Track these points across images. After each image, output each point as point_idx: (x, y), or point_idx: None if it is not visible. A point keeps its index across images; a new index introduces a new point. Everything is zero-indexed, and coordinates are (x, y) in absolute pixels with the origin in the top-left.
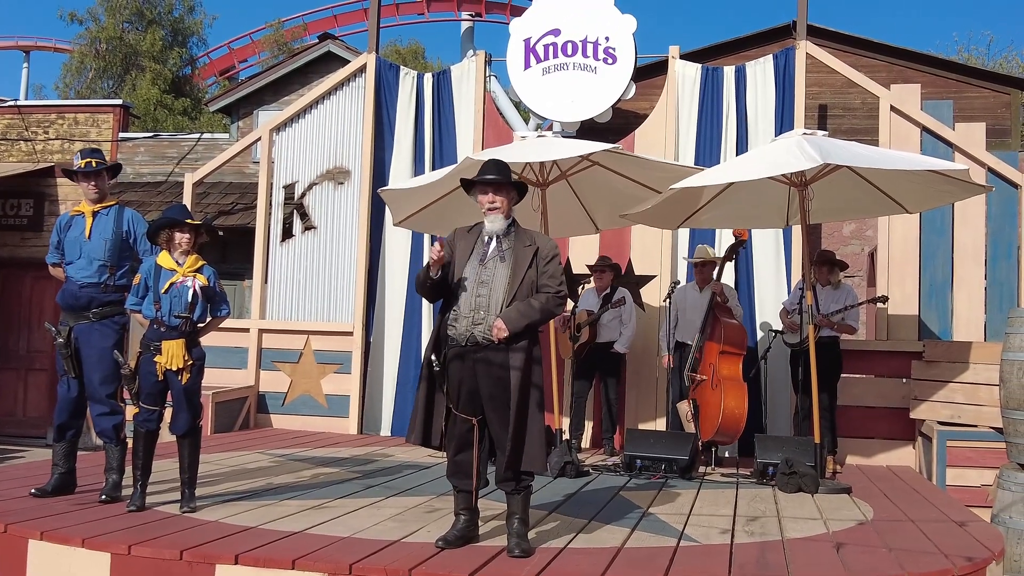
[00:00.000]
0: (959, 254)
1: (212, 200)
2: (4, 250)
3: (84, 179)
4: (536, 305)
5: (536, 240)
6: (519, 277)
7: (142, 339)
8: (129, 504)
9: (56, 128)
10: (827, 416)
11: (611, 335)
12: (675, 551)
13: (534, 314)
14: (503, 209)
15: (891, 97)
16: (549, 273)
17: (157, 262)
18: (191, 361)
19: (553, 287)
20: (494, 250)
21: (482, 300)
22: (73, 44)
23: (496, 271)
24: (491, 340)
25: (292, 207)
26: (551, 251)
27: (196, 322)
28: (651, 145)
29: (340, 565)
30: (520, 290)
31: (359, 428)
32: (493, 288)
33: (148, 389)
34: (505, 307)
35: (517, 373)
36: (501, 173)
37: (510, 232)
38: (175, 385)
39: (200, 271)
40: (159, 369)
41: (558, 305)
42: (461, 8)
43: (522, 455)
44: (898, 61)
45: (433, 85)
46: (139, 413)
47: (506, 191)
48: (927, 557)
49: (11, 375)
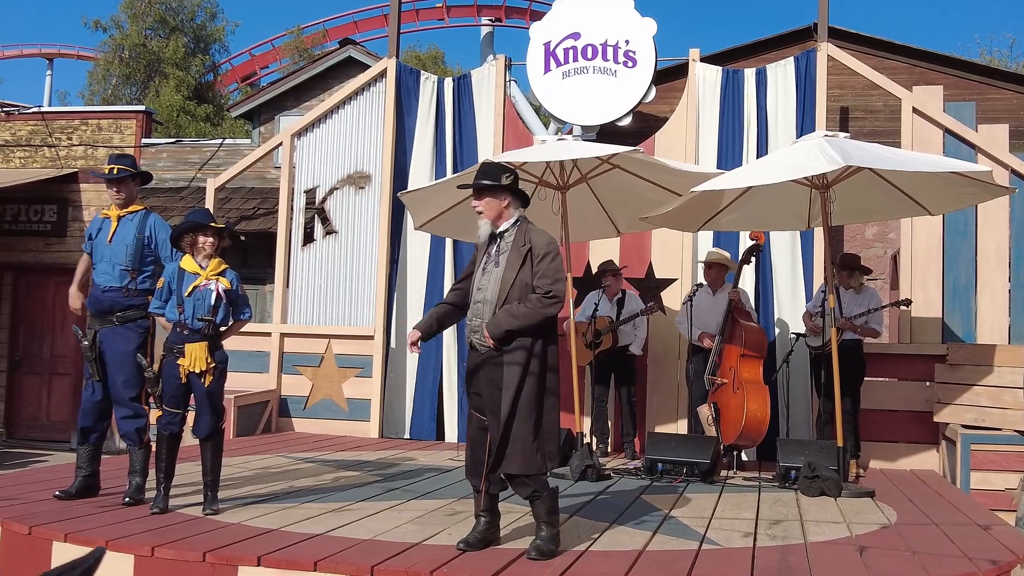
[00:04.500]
0: (982, 256)
1: (234, 205)
2: (28, 255)
3: (108, 185)
4: (522, 309)
5: (531, 239)
6: (509, 280)
7: (165, 342)
8: (152, 506)
9: (79, 134)
10: (850, 420)
11: (626, 339)
12: (697, 555)
13: (518, 319)
14: (488, 214)
15: (913, 99)
16: (541, 272)
17: (180, 266)
18: (213, 364)
19: (543, 287)
20: (492, 256)
21: (478, 306)
22: (97, 51)
23: (491, 276)
24: (486, 346)
25: (313, 212)
26: (544, 248)
27: (218, 325)
28: (672, 148)
29: (362, 567)
30: (511, 293)
31: (380, 432)
32: (487, 293)
33: (171, 392)
34: (496, 311)
35: (509, 376)
36: (487, 176)
37: (508, 235)
38: (198, 388)
39: (223, 275)
40: (182, 372)
41: (548, 305)
42: (481, 13)
43: (503, 458)
44: (920, 63)
45: (453, 90)
46: (162, 416)
47: (489, 195)
48: (951, 561)
49: (35, 379)
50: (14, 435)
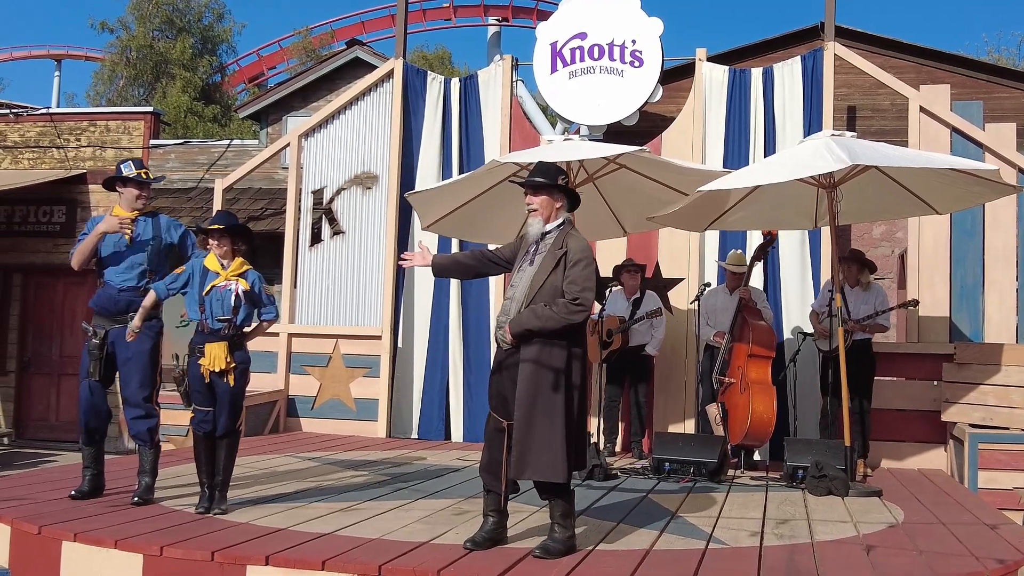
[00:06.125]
0: (990, 256)
1: (242, 206)
2: (37, 256)
3: (137, 188)
4: (547, 312)
5: (568, 243)
6: (539, 281)
7: (190, 342)
8: (198, 507)
9: (88, 135)
10: (863, 420)
11: (642, 338)
12: (703, 554)
13: (539, 321)
14: (542, 212)
15: (920, 98)
16: (570, 278)
17: (204, 263)
18: (234, 364)
19: (571, 292)
20: (531, 254)
21: (507, 304)
22: (104, 52)
23: (524, 275)
24: (507, 342)
25: (321, 212)
26: (578, 254)
27: (239, 326)
28: (678, 148)
29: (369, 567)
30: (539, 295)
31: (388, 432)
32: (517, 292)
33: (197, 391)
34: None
35: (523, 375)
36: (545, 175)
37: (550, 236)
38: (218, 387)
39: (243, 275)
40: (204, 371)
41: (573, 312)
42: (488, 13)
43: (524, 462)
44: (927, 62)
45: (460, 90)
46: (195, 415)
47: (546, 193)
48: (958, 560)
49: (44, 380)
50: (23, 435)
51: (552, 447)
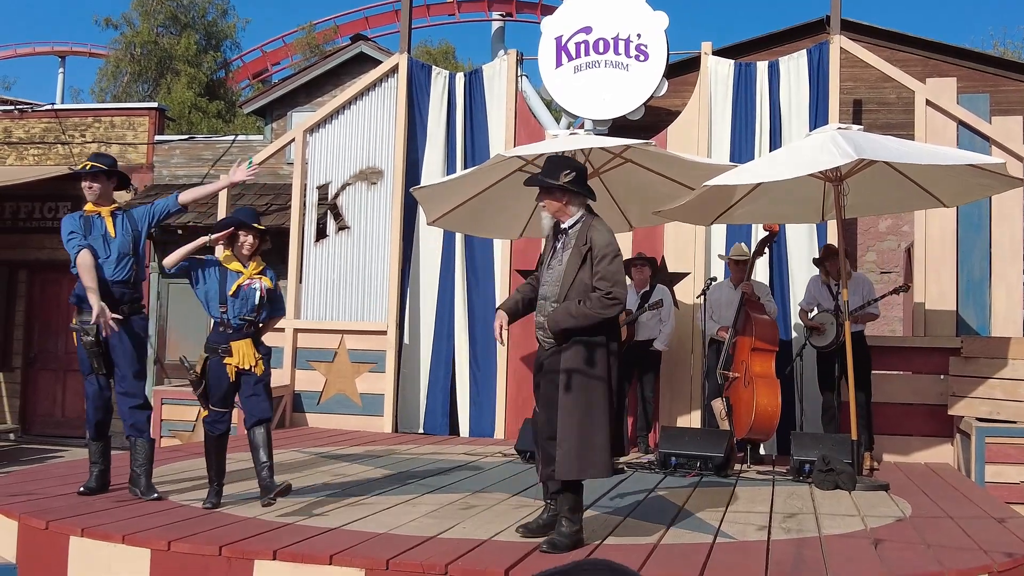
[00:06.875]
0: (997, 249)
1: (246, 201)
2: (43, 253)
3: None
4: (581, 309)
5: (592, 238)
6: (569, 280)
7: (207, 343)
8: (205, 502)
9: (93, 131)
10: (863, 413)
11: (650, 333)
12: (711, 548)
13: (574, 319)
14: (549, 208)
15: (927, 91)
16: (600, 275)
17: (222, 263)
18: (259, 356)
19: (603, 288)
20: (557, 251)
21: (542, 304)
22: (108, 49)
23: (553, 274)
24: (550, 341)
25: (326, 207)
26: (603, 249)
27: (259, 323)
28: (684, 142)
29: (377, 561)
30: (570, 292)
31: (394, 427)
32: (548, 291)
33: (219, 392)
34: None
35: (566, 378)
36: (548, 174)
37: (572, 231)
38: (249, 380)
39: (263, 273)
40: (230, 371)
41: (607, 307)
42: (492, 8)
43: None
44: (933, 55)
45: (465, 85)
46: (208, 416)
47: (548, 195)
48: (966, 553)
49: (50, 376)
50: (29, 431)
51: (598, 446)
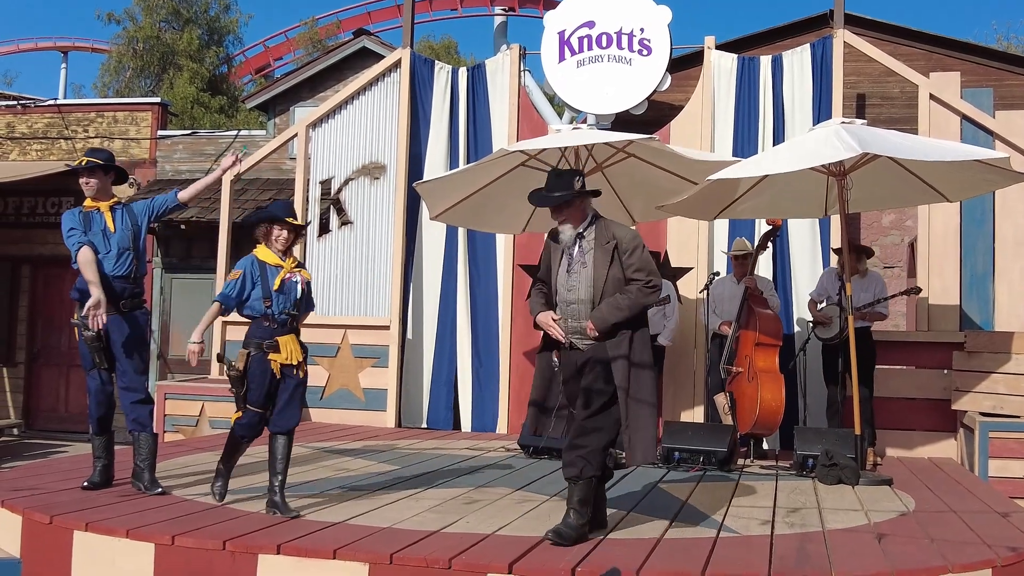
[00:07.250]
0: (1000, 244)
1: (250, 196)
2: (46, 248)
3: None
4: (624, 301)
5: (615, 234)
6: (602, 278)
7: (246, 339)
8: (213, 487)
9: (96, 127)
10: (865, 408)
11: (654, 328)
12: (715, 542)
13: (620, 312)
14: (572, 221)
15: (930, 85)
16: (635, 266)
17: (259, 258)
18: (304, 354)
19: (642, 279)
20: (577, 256)
21: (573, 307)
22: (111, 44)
23: (581, 277)
24: (588, 343)
25: (329, 202)
26: (631, 243)
27: (301, 317)
28: (687, 136)
29: (381, 555)
30: (606, 290)
31: (397, 422)
32: (580, 294)
33: (261, 390)
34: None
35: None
36: (561, 188)
37: (589, 233)
38: (289, 380)
39: (300, 267)
40: (275, 367)
41: (648, 295)
42: (494, 3)
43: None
44: (936, 49)
45: (468, 79)
46: (243, 417)
47: (567, 207)
48: (970, 548)
49: (53, 371)
50: (33, 426)
51: (651, 430)
